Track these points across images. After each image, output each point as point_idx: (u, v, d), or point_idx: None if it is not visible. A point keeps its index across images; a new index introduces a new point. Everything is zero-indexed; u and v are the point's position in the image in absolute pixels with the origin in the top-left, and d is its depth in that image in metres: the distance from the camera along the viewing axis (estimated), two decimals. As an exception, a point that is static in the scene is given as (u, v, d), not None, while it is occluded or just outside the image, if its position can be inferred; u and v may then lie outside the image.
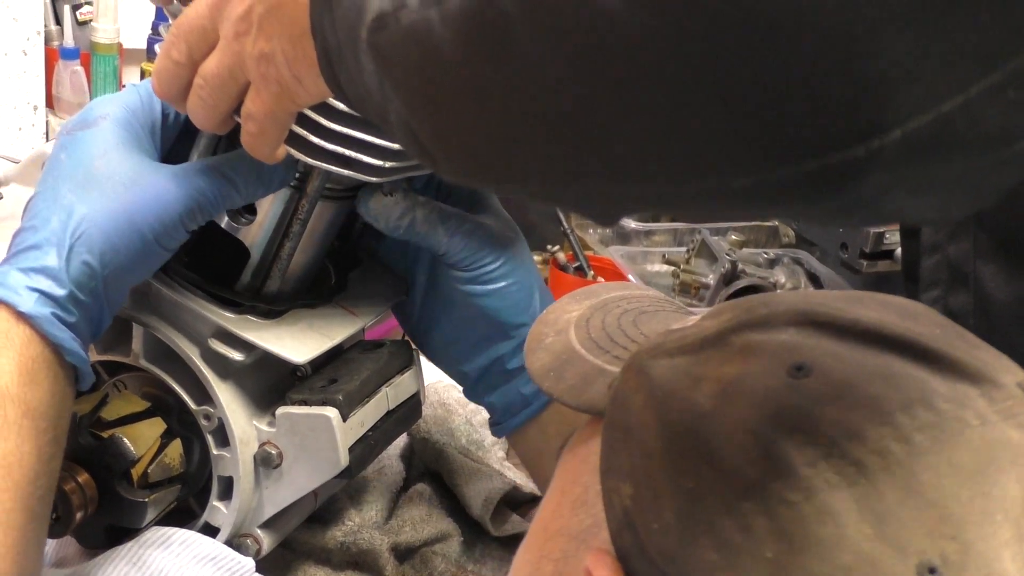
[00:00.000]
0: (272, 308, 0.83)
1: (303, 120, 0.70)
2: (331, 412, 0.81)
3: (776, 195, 0.35)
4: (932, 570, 0.41)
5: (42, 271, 0.69)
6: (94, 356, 0.83)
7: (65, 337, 0.70)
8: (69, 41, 1.59)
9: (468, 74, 0.39)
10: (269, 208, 0.81)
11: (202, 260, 0.83)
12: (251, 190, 0.75)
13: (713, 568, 0.43)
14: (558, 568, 0.52)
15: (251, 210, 0.81)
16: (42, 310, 0.69)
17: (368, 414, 0.86)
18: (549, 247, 1.59)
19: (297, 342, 0.82)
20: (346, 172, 0.74)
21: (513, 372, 0.89)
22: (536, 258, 1.63)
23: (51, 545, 0.86)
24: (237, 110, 0.68)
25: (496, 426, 0.93)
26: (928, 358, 0.45)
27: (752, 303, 0.50)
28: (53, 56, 1.57)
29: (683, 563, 0.43)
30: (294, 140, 0.71)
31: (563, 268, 1.55)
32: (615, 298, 0.62)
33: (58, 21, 1.61)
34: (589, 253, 1.61)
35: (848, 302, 0.49)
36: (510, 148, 0.40)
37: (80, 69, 1.58)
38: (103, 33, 1.57)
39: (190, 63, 0.67)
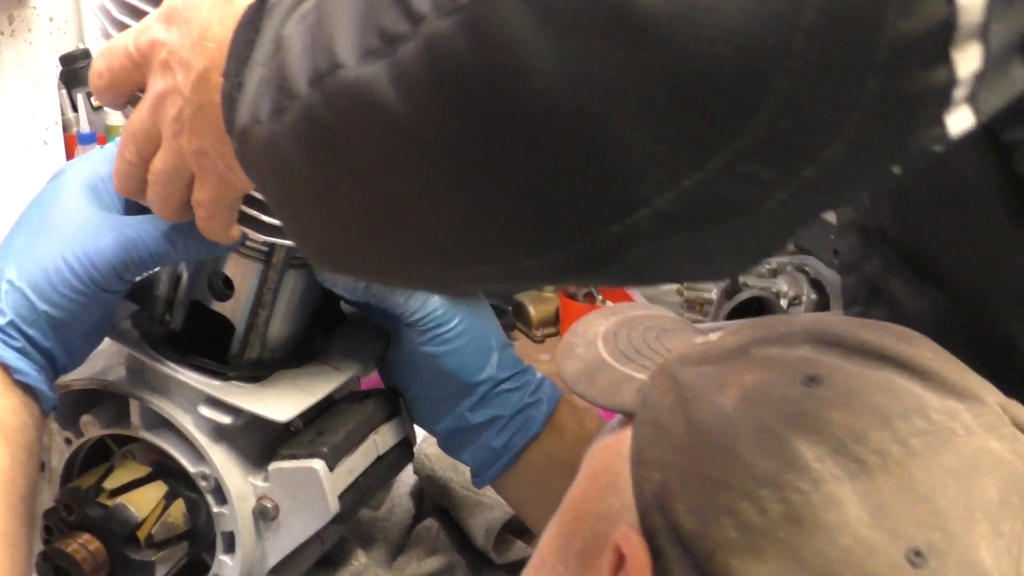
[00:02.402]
0: (255, 373, 0.89)
1: (251, 200, 0.76)
2: (318, 464, 0.87)
3: (561, 271, 0.40)
4: (919, 554, 0.48)
5: None
6: (99, 431, 0.90)
7: (9, 356, 0.76)
8: (85, 127, 1.68)
9: (308, 181, 0.45)
10: (244, 283, 0.87)
11: (198, 336, 0.90)
12: (191, 251, 0.80)
13: (733, 545, 0.49)
14: (587, 545, 0.58)
15: (230, 286, 0.88)
16: None
17: (356, 462, 0.92)
18: (559, 277, 1.64)
19: (280, 402, 0.88)
20: (298, 244, 0.80)
21: (479, 428, 0.93)
22: (548, 288, 1.69)
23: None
24: None
25: (475, 478, 0.97)
26: (923, 376, 0.53)
27: (772, 322, 0.58)
28: (72, 142, 1.66)
29: (706, 541, 0.49)
30: (246, 220, 0.77)
31: (572, 296, 1.60)
32: (639, 316, 0.69)
33: (75, 108, 1.70)
34: (601, 279, 1.66)
35: (854, 326, 0.56)
36: (349, 245, 0.46)
37: (99, 151, 1.66)
38: (115, 116, 1.66)
39: (141, 162, 0.73)
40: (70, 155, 1.65)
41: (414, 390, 0.96)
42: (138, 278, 0.82)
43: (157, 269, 0.88)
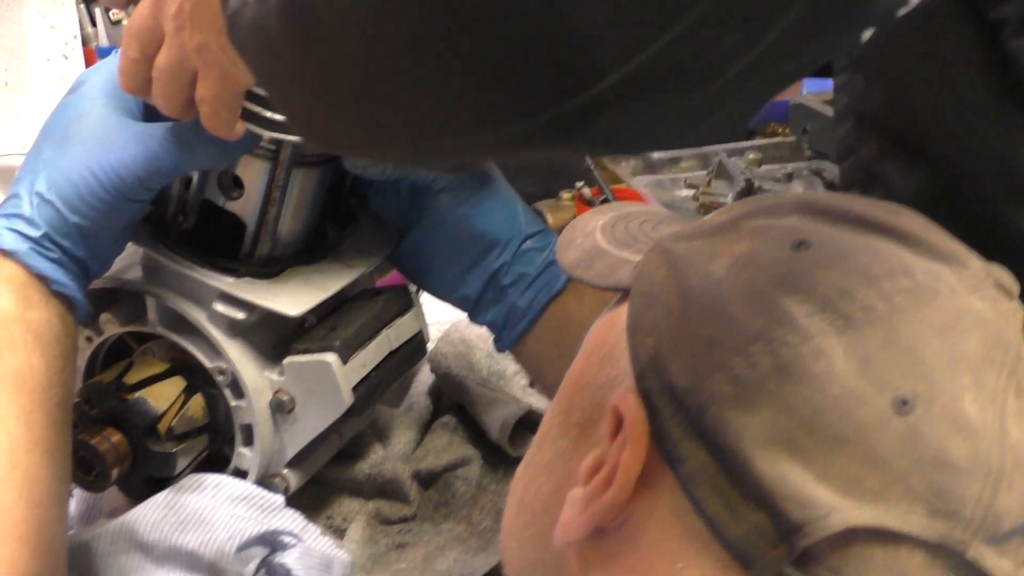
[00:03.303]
0: (267, 270, 0.91)
1: (255, 97, 0.78)
2: (330, 357, 0.90)
3: (534, 139, 0.42)
4: (904, 403, 0.49)
5: (18, 216, 0.79)
6: (118, 329, 0.93)
7: (47, 267, 0.79)
8: (104, 41, 1.69)
9: (293, 59, 0.46)
10: (254, 182, 0.89)
11: (211, 235, 0.92)
12: (211, 157, 0.82)
13: (725, 398, 0.51)
14: (585, 415, 0.60)
15: (240, 185, 0.90)
16: (20, 245, 0.78)
17: (369, 356, 0.94)
18: (576, 184, 1.66)
19: (292, 297, 0.91)
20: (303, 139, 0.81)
21: (507, 287, 0.96)
22: (565, 195, 1.70)
23: (102, 496, 0.96)
24: None
25: (499, 341, 1.00)
26: (908, 241, 0.54)
27: (761, 198, 0.61)
28: (91, 56, 1.68)
29: (699, 395, 0.51)
30: (249, 116, 0.78)
31: (589, 203, 1.61)
32: (637, 211, 0.71)
33: (93, 23, 1.71)
34: (619, 186, 1.67)
35: (843, 199, 0.58)
36: (335, 120, 0.48)
37: (119, 66, 1.68)
38: (135, 29, 1.67)
39: (145, 59, 0.75)
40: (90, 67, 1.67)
41: (442, 259, 0.98)
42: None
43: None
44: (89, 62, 1.67)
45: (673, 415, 0.52)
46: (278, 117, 0.79)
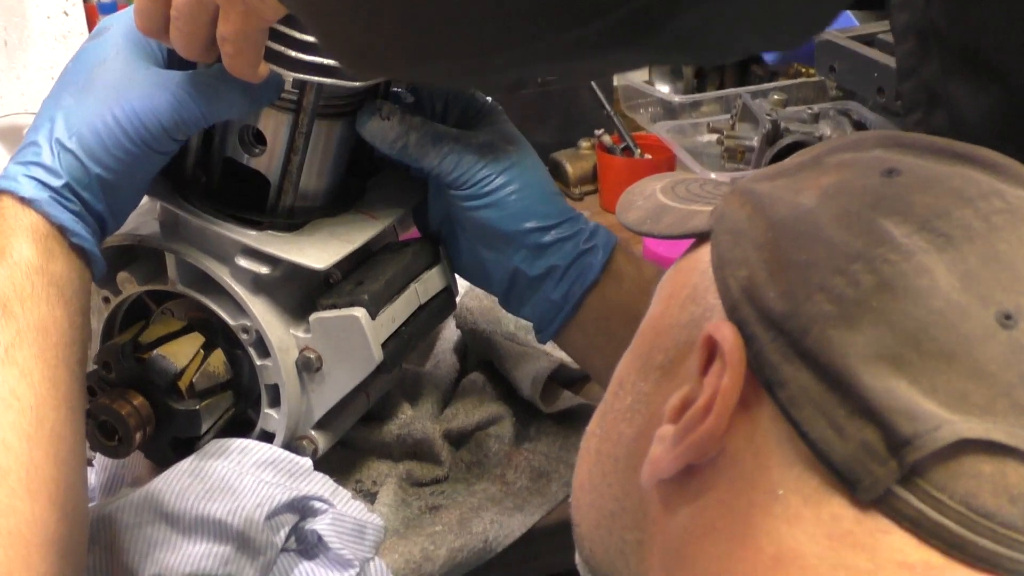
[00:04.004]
0: (291, 222, 0.87)
1: (279, 36, 0.73)
2: (359, 312, 0.86)
3: (603, 43, 0.37)
4: (1008, 316, 0.49)
5: (39, 165, 0.74)
6: (137, 288, 0.88)
7: (66, 218, 0.74)
8: (105, -5, 1.64)
9: None
10: (277, 135, 0.84)
11: (233, 194, 0.88)
12: (236, 104, 0.77)
13: (828, 317, 0.50)
14: (669, 356, 0.59)
15: (262, 140, 0.85)
16: (41, 194, 0.74)
17: (399, 310, 0.90)
18: (596, 132, 1.61)
19: (317, 250, 0.86)
20: (328, 80, 0.77)
21: (537, 280, 0.90)
22: (584, 144, 1.65)
23: (124, 465, 0.92)
24: None
25: (539, 334, 0.95)
26: (996, 169, 0.54)
27: (840, 137, 0.57)
28: (93, 12, 1.62)
29: (800, 317, 0.51)
30: (274, 57, 0.74)
31: (609, 150, 1.57)
32: (693, 177, 0.71)
33: (94, -23, 1.66)
34: (640, 133, 1.63)
35: (922, 136, 0.58)
36: (386, 41, 0.43)
37: (121, 21, 1.63)
38: (136, -17, 1.62)
39: None
40: (91, 24, 1.61)
41: (466, 252, 0.93)
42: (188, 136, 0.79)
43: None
44: (91, 18, 1.62)
45: (771, 340, 0.51)
46: (303, 57, 0.75)
